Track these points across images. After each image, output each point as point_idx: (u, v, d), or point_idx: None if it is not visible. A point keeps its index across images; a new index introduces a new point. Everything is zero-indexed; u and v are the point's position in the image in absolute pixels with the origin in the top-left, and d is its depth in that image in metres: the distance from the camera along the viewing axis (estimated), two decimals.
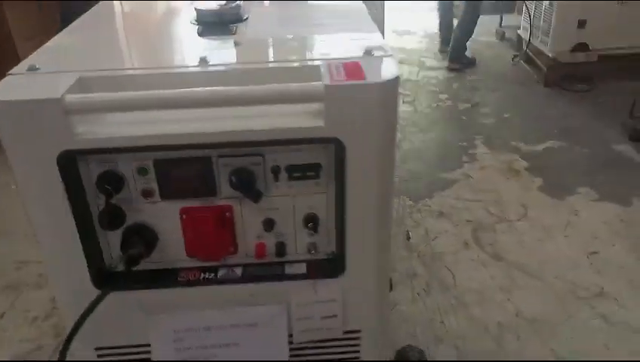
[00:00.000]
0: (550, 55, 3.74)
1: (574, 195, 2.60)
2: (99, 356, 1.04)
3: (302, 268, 1.00)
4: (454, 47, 4.24)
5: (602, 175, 2.75)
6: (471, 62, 4.28)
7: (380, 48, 0.99)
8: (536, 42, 3.95)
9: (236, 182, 0.92)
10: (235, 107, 0.87)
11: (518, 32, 4.31)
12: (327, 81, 0.85)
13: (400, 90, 3.21)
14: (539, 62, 3.90)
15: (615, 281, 2.07)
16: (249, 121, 0.88)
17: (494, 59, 4.40)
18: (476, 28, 4.35)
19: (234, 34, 1.14)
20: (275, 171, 0.93)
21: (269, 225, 0.97)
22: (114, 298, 0.96)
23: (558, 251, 2.25)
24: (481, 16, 4.35)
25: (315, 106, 0.87)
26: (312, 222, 0.97)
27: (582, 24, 3.62)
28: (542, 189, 2.67)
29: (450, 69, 4.21)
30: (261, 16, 1.28)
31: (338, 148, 0.89)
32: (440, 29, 4.56)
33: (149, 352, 1.02)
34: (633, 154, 2.91)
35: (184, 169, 0.92)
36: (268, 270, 1.00)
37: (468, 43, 4.25)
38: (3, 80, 0.88)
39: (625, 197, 2.56)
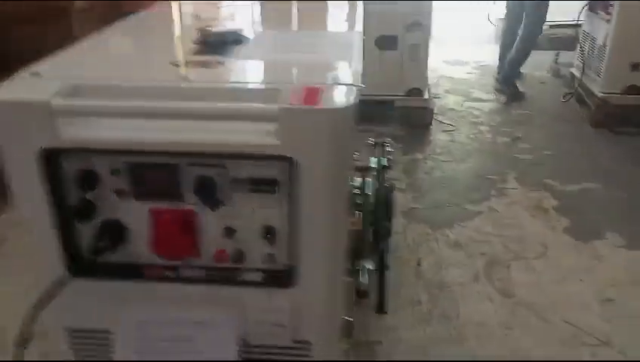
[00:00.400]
0: (600, 95, 3.65)
1: (600, 240, 2.53)
2: (70, 338, 1.15)
3: (257, 277, 1.07)
4: (507, 68, 4.28)
5: (634, 221, 2.66)
6: (519, 95, 4.23)
7: (348, 78, 1.06)
8: (587, 81, 3.87)
9: (198, 189, 1.00)
10: (203, 121, 0.96)
11: (571, 69, 4.23)
12: (283, 103, 0.92)
13: (441, 118, 3.26)
14: (589, 101, 3.81)
15: (624, 332, 2.00)
16: (213, 135, 0.96)
17: (545, 95, 4.32)
18: (531, 62, 4.32)
19: (226, 55, 1.23)
20: (236, 183, 1.01)
21: (229, 232, 1.04)
22: (85, 285, 1.06)
23: (571, 294, 2.20)
24: (537, 51, 4.34)
25: (272, 126, 0.94)
26: (269, 233, 1.03)
27: (636, 67, 3.52)
28: (567, 230, 2.61)
29: (497, 91, 4.24)
30: (260, 40, 1.37)
31: (291, 167, 0.95)
32: (500, 59, 4.53)
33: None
34: None
35: (154, 173, 1.01)
36: (226, 275, 1.07)
37: (522, 73, 4.26)
38: (4, 82, 1.01)
39: None
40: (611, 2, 3.53)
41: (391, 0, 3.44)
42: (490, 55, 4.97)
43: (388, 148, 2.30)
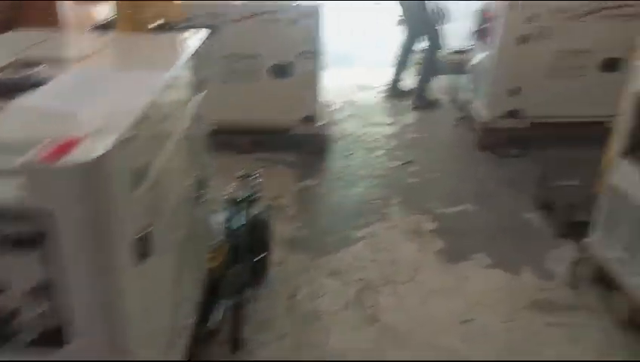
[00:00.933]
0: (484, 120, 3.86)
1: (469, 260, 2.66)
2: None
3: (30, 336, 1.07)
4: (419, 84, 4.72)
5: (502, 242, 2.81)
6: (433, 104, 4.52)
7: (117, 126, 1.07)
8: (475, 106, 4.07)
9: None
10: None
11: (462, 94, 4.44)
12: (31, 157, 0.94)
13: (341, 143, 3.30)
14: (476, 126, 4.01)
15: (480, 350, 2.11)
16: None
17: (441, 119, 4.51)
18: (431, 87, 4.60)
19: (10, 100, 1.22)
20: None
21: None
22: None
23: (434, 316, 2.30)
24: (440, 76, 4.70)
25: (22, 181, 0.95)
26: (37, 291, 1.04)
27: (514, 92, 3.74)
28: (440, 252, 2.73)
29: (413, 108, 4.62)
30: (59, 82, 1.36)
31: (49, 222, 0.97)
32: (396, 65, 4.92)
33: None
34: (538, 223, 2.97)
35: None
36: None
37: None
38: None
39: (516, 266, 2.61)
40: (490, 31, 3.76)
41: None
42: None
43: (257, 181, 2.35)
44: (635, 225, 2.19)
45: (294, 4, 3.57)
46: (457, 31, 4.68)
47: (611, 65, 3.63)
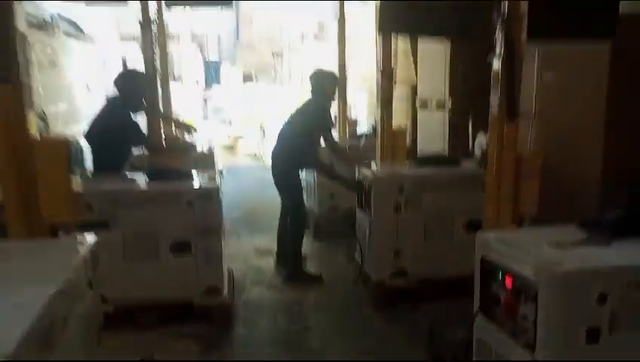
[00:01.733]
0: (374, 279, 4.20)
1: None
2: None
3: None
4: (290, 260, 4.78)
5: None
6: (315, 279, 4.70)
7: None
8: (367, 266, 4.44)
9: None
10: None
11: (356, 256, 4.83)
12: None
13: (245, 312, 3.44)
14: (369, 285, 4.34)
15: None
16: None
17: (342, 279, 4.80)
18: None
19: None
20: None
21: None
22: None
23: None
24: None
25: None
26: None
27: (397, 253, 4.15)
28: None
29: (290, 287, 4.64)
30: None
31: None
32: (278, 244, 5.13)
33: None
34: None
35: None
36: None
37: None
38: None
39: None
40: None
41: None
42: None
43: None
44: None
45: (195, 185, 3.92)
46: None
47: (475, 225, 4.17)
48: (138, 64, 9.93)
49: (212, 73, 13.63)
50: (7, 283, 1.69)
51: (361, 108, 9.66)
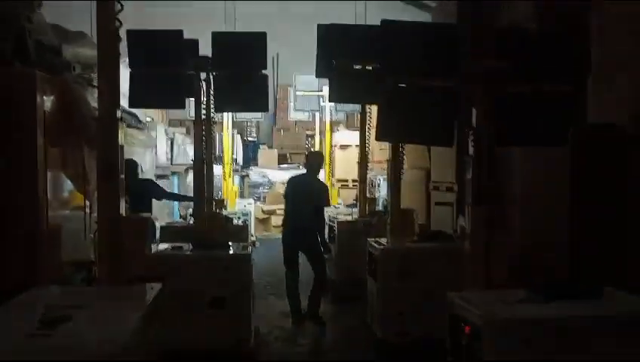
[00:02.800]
0: (379, 336, 4.89)
1: None
2: None
3: None
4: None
5: None
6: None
7: None
8: (374, 327, 5.13)
9: None
10: None
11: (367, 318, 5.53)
12: None
13: None
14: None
15: None
16: None
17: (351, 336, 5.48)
18: None
19: None
20: None
21: None
22: None
23: None
24: None
25: None
26: None
27: (401, 314, 4.85)
28: None
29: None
30: None
31: None
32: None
33: None
34: None
35: None
36: None
37: None
38: None
39: None
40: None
41: None
42: None
43: None
44: None
45: (230, 253, 4.77)
46: None
47: None
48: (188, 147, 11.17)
49: (250, 154, 14.86)
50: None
51: (383, 187, 10.52)
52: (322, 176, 7.94)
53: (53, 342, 2.04)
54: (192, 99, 5.59)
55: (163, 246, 4.90)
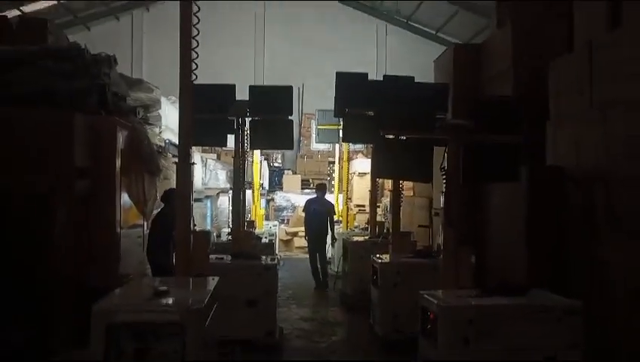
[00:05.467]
0: (380, 334, 6.07)
1: None
2: None
3: None
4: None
5: None
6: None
7: None
8: (375, 326, 6.30)
9: None
10: None
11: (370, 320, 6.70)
12: None
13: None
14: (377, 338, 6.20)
15: None
16: None
17: (357, 334, 6.67)
18: None
19: None
20: None
21: None
22: None
23: None
24: None
25: None
26: None
27: (396, 316, 6.03)
28: None
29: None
30: None
31: None
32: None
33: None
34: None
35: None
36: None
37: None
38: None
39: None
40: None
41: None
42: None
43: None
44: None
45: (262, 262, 6.03)
46: None
47: None
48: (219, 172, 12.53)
49: (275, 180, 16.22)
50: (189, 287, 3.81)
51: None
52: (332, 198, 11.50)
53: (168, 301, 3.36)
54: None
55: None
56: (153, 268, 6.29)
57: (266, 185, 15.46)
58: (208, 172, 13.67)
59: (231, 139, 6.68)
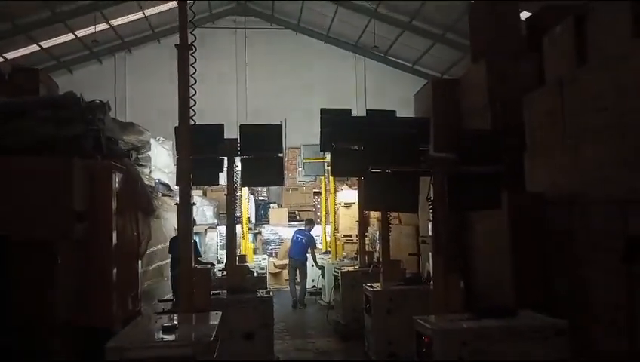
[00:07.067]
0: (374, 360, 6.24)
1: None
2: None
3: None
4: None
5: None
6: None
7: None
8: (369, 352, 6.48)
9: None
10: None
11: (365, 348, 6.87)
12: None
13: None
14: None
15: None
16: None
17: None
18: None
19: None
20: None
21: None
22: None
23: None
24: None
25: None
26: None
27: (390, 342, 6.22)
28: None
29: None
30: None
31: None
32: None
33: None
34: None
35: None
36: None
37: None
38: None
39: None
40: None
41: None
42: None
43: None
44: None
45: (257, 296, 6.20)
46: None
47: None
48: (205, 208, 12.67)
49: (261, 213, 16.35)
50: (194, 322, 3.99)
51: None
52: (319, 230, 12.61)
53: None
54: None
55: None
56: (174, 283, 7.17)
57: (253, 219, 15.61)
58: (195, 209, 13.85)
59: (221, 176, 6.90)
